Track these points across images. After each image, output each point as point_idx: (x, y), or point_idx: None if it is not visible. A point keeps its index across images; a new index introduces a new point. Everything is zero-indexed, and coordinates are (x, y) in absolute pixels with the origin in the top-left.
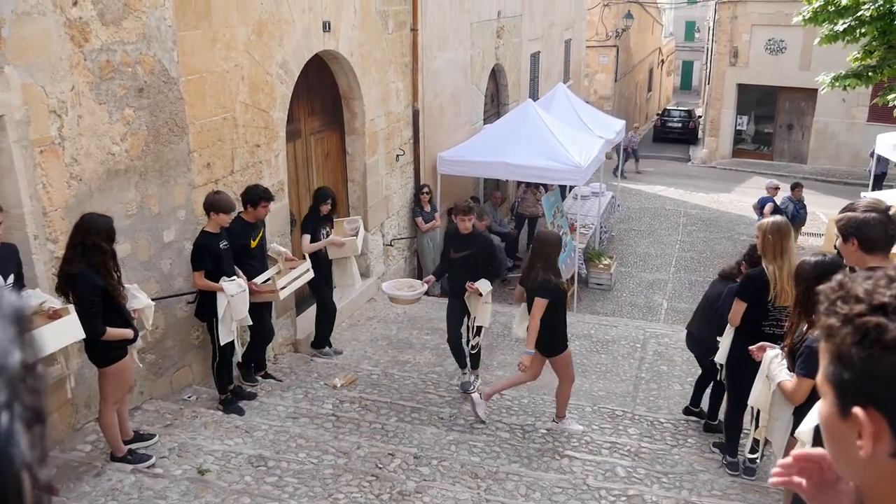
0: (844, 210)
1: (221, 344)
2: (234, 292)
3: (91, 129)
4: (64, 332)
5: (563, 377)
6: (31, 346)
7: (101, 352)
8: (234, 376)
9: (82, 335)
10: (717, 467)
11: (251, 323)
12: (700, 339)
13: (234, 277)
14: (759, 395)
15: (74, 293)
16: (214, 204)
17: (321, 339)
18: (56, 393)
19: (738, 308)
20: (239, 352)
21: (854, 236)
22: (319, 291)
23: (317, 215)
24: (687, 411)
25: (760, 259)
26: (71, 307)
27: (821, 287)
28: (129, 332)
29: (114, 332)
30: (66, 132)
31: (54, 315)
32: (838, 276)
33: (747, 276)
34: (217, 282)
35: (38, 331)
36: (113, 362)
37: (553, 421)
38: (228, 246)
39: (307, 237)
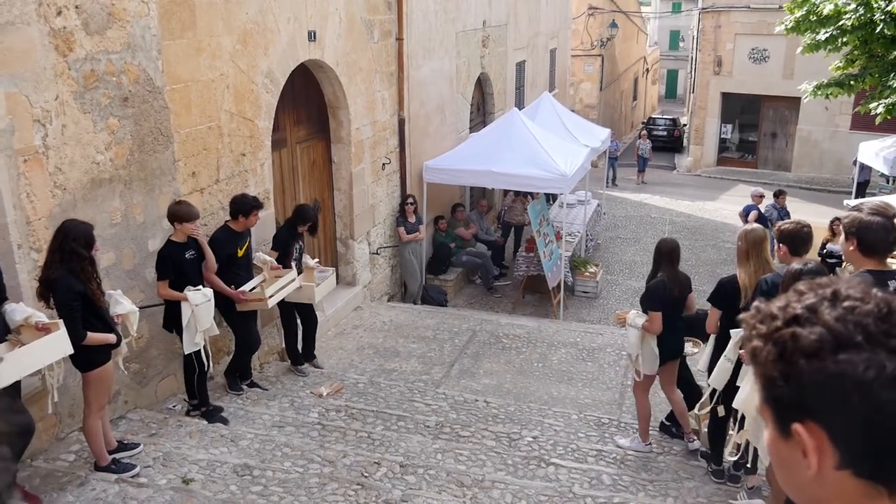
0: (853, 209)
1: (185, 353)
2: (198, 302)
3: (75, 139)
4: (53, 348)
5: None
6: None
7: (84, 356)
8: (223, 385)
9: (71, 350)
10: (703, 475)
11: (217, 332)
12: None
13: (200, 287)
14: (745, 398)
15: (54, 298)
16: (176, 214)
17: (294, 356)
18: (38, 404)
19: (713, 315)
20: (206, 363)
21: (854, 237)
22: (284, 310)
23: (292, 232)
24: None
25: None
26: (60, 322)
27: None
28: (111, 337)
29: (95, 337)
30: (51, 141)
31: (43, 329)
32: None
33: (719, 283)
34: (182, 292)
35: (29, 347)
36: (96, 367)
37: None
38: (195, 255)
39: (275, 254)
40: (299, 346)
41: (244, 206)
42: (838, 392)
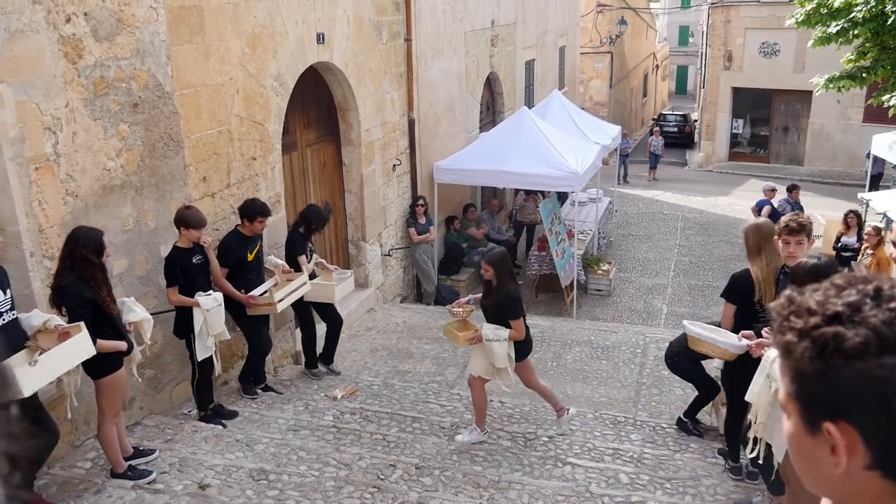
0: None
1: (199, 360)
2: (209, 307)
3: (86, 146)
4: (79, 350)
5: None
6: (3, 387)
7: (96, 363)
8: (237, 389)
9: (93, 352)
10: (720, 472)
11: (228, 337)
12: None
13: (210, 292)
14: (758, 392)
15: (64, 305)
16: (184, 219)
17: (310, 359)
18: (56, 410)
19: (728, 311)
20: (217, 367)
21: None
22: (302, 311)
23: (305, 235)
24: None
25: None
26: (81, 324)
27: (771, 304)
28: (121, 345)
29: (105, 345)
30: (62, 149)
31: (64, 334)
32: (787, 292)
33: (732, 278)
34: (192, 297)
35: (52, 351)
36: (108, 374)
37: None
38: (203, 260)
39: (303, 258)
40: (318, 348)
41: (249, 212)
42: (879, 396)
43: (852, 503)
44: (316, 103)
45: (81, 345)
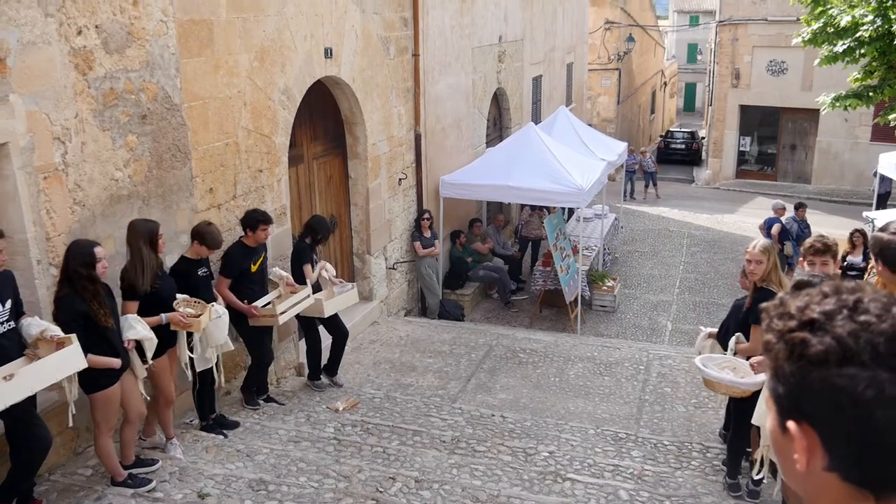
0: (880, 230)
1: (198, 371)
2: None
3: (94, 156)
4: (68, 362)
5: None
6: None
7: (89, 378)
8: (239, 400)
9: (85, 364)
10: (721, 490)
11: (232, 348)
12: None
13: (213, 304)
14: (762, 413)
15: (58, 317)
16: (202, 236)
17: (314, 371)
18: (57, 419)
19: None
20: (219, 379)
21: (879, 257)
22: (307, 322)
23: (311, 245)
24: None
25: None
26: (73, 336)
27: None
28: (114, 361)
29: (94, 360)
30: (70, 158)
31: (59, 344)
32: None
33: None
34: None
35: (42, 362)
36: (100, 389)
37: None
38: (208, 273)
39: (307, 267)
40: (323, 359)
41: (251, 221)
42: (835, 404)
43: (816, 502)
44: (323, 117)
45: (71, 357)
